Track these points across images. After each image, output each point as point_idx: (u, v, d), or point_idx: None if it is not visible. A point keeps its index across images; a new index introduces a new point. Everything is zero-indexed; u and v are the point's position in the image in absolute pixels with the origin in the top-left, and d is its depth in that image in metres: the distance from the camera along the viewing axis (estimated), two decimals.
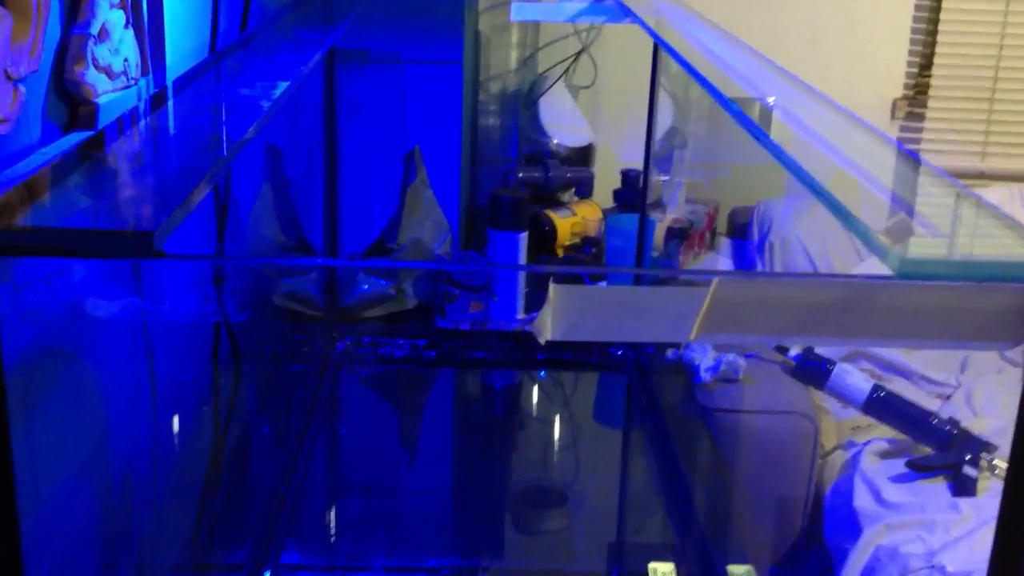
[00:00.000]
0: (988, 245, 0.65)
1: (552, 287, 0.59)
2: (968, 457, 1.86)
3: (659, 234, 2.31)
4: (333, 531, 1.57)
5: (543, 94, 2.51)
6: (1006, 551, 0.67)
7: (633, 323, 0.61)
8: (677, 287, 0.60)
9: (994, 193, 2.56)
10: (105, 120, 1.05)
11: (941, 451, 1.90)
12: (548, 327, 0.59)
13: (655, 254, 2.27)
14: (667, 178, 2.44)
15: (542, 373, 2.01)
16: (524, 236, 1.98)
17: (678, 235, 2.33)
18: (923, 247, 0.63)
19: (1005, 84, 2.69)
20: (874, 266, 0.61)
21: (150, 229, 0.54)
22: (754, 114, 1.05)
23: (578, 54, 2.57)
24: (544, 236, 2.31)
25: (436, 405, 2.04)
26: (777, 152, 0.84)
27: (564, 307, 0.59)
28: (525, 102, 2.53)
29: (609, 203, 2.46)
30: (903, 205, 0.75)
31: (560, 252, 2.34)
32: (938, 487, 1.86)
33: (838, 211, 0.69)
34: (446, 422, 1.98)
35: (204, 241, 1.44)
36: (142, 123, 0.89)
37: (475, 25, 2.38)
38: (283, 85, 0.91)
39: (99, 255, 0.55)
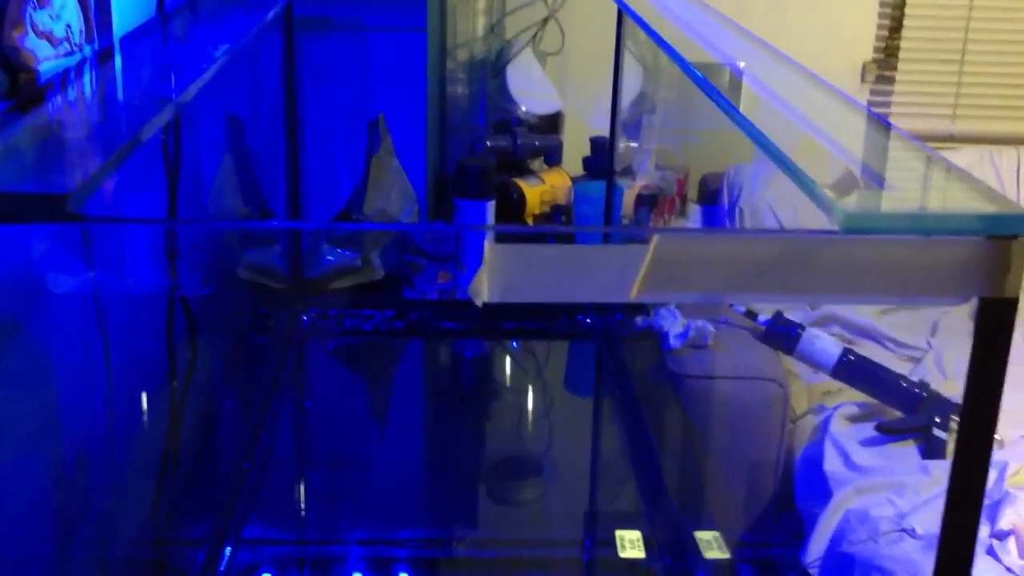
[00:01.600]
0: (936, 199, 0.64)
1: (487, 247, 0.57)
2: (938, 420, 1.85)
3: (629, 201, 2.29)
4: (298, 505, 1.55)
5: (511, 61, 2.48)
6: (958, 506, 0.66)
7: (573, 283, 0.59)
8: (616, 246, 0.58)
9: (964, 155, 2.56)
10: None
11: (911, 414, 1.90)
12: (484, 288, 0.57)
13: (625, 221, 2.25)
14: (636, 145, 2.42)
15: (512, 342, 2.00)
16: (491, 205, 1.96)
17: (648, 202, 2.31)
18: (868, 201, 0.62)
19: (974, 47, 2.68)
20: None
21: (64, 191, 0.52)
22: (723, 80, 1.04)
23: (545, 20, 2.54)
24: (513, 205, 2.29)
25: (404, 376, 2.02)
26: (729, 110, 0.82)
27: (501, 268, 0.57)
28: (493, 69, 2.50)
29: (579, 171, 2.44)
30: (855, 162, 0.73)
31: (530, 220, 2.32)
32: (908, 450, 1.85)
33: (785, 166, 0.67)
34: (415, 393, 1.97)
35: (158, 213, 1.41)
36: (79, 84, 0.87)
37: None
38: (224, 47, 0.89)
39: (11, 220, 0.53)
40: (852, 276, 0.59)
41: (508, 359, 2.04)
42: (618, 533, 1.40)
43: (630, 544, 1.39)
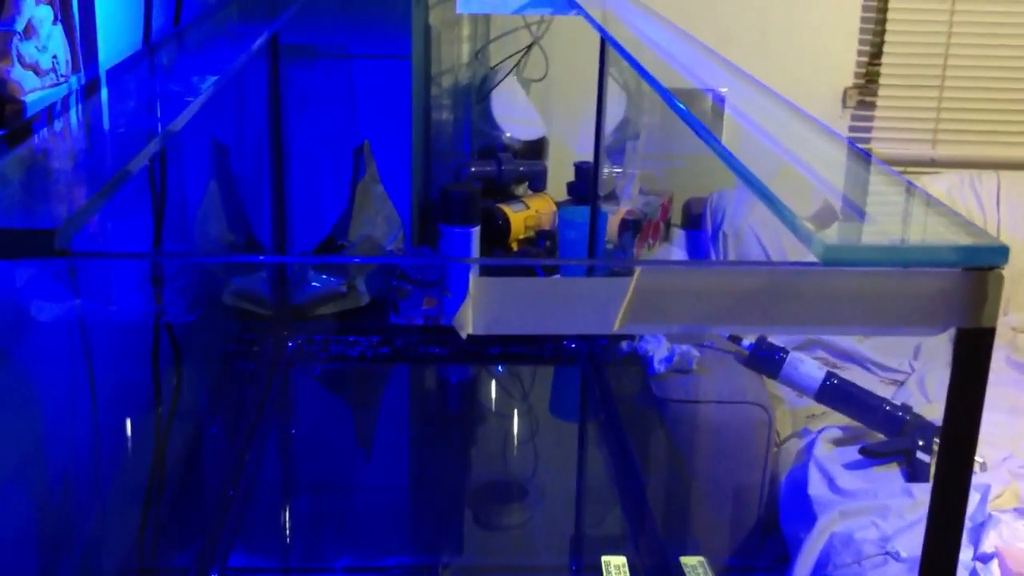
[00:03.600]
0: (915, 231, 0.65)
1: (472, 279, 0.58)
2: (921, 443, 1.87)
3: (613, 226, 2.30)
4: (283, 532, 1.55)
5: (495, 88, 2.50)
6: (939, 528, 0.67)
7: (558, 315, 0.60)
8: (600, 278, 0.59)
9: (944, 180, 2.58)
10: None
11: (894, 437, 1.91)
12: (469, 321, 0.58)
13: (609, 246, 2.26)
14: (620, 170, 2.44)
15: (498, 368, 2.00)
16: (476, 231, 1.97)
17: (632, 227, 2.33)
18: (848, 233, 0.63)
19: (954, 72, 2.71)
20: None
21: (52, 227, 0.53)
22: (705, 106, 1.05)
23: (529, 47, 2.56)
24: (498, 230, 2.30)
25: (390, 402, 2.02)
26: (711, 141, 0.83)
27: (485, 300, 0.58)
28: (477, 96, 2.51)
29: (563, 196, 2.45)
30: (835, 193, 0.74)
31: (514, 246, 2.33)
32: (891, 473, 1.86)
33: (766, 198, 0.68)
34: (401, 418, 1.97)
35: (143, 242, 1.41)
36: (68, 116, 0.87)
37: (425, 19, 2.36)
38: (212, 79, 0.89)
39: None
40: (832, 307, 0.60)
41: (494, 384, 2.04)
42: (604, 558, 1.40)
43: (616, 569, 1.39)
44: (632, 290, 0.58)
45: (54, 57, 1.10)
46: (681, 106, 0.89)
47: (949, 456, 0.66)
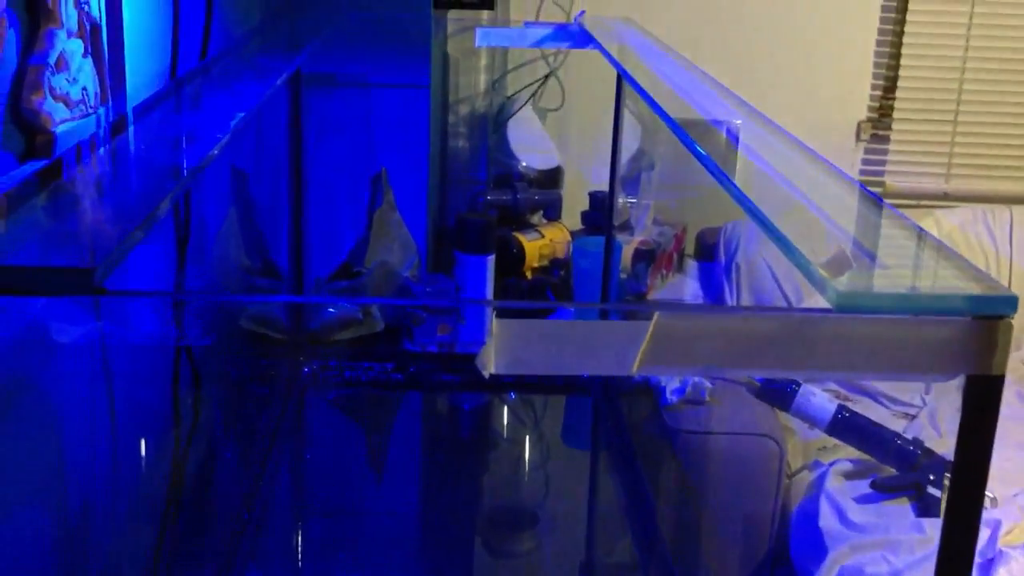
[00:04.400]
0: (926, 278, 0.67)
1: (495, 321, 0.60)
2: (932, 477, 1.87)
3: (627, 256, 2.32)
4: (297, 556, 1.56)
5: (511, 117, 2.52)
6: (949, 565, 0.68)
7: (577, 357, 0.61)
8: (619, 321, 0.61)
9: (958, 214, 2.59)
10: (63, 148, 1.04)
11: (905, 471, 1.91)
12: (491, 361, 0.59)
13: (623, 276, 2.28)
14: (635, 200, 2.46)
15: (510, 395, 2.01)
16: (491, 259, 1.99)
17: (646, 257, 2.34)
18: (861, 281, 0.64)
19: (968, 106, 2.73)
20: None
21: (91, 266, 0.54)
22: (718, 140, 1.07)
23: (546, 77, 2.58)
24: (512, 258, 2.31)
25: (403, 428, 2.03)
26: (729, 186, 0.85)
27: (507, 341, 0.60)
28: (494, 125, 2.54)
29: (577, 225, 2.47)
30: (847, 238, 0.76)
31: (529, 274, 2.35)
32: (902, 508, 1.87)
33: (782, 243, 0.70)
34: (413, 445, 1.98)
35: (165, 266, 1.44)
36: (98, 153, 0.89)
37: (443, 48, 2.39)
38: (238, 115, 0.91)
39: (38, 293, 0.55)
40: (845, 353, 0.62)
41: (506, 412, 2.05)
42: None
43: None
44: (651, 334, 0.59)
45: (84, 89, 1.12)
46: (700, 150, 0.91)
47: (958, 499, 0.67)
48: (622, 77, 1.91)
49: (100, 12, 1.17)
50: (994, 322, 0.60)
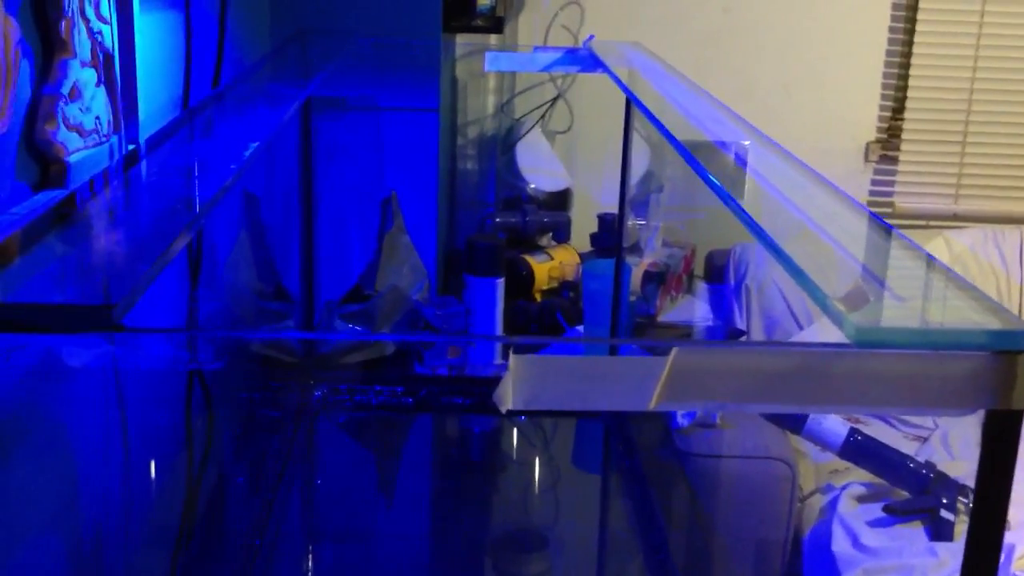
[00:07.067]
0: (944, 312, 0.66)
1: (512, 357, 0.59)
2: (945, 501, 1.86)
3: (636, 278, 2.32)
4: None
5: (520, 139, 2.53)
6: None
7: (594, 392, 0.61)
8: (636, 357, 0.60)
9: (967, 235, 2.59)
10: (76, 177, 1.05)
11: (918, 495, 1.90)
12: (508, 397, 0.59)
13: (632, 298, 2.28)
14: (644, 222, 2.46)
15: (521, 418, 2.01)
16: (501, 282, 1.99)
17: (655, 279, 2.34)
18: (879, 315, 0.64)
19: (977, 127, 2.73)
20: None
21: (110, 303, 0.55)
22: (726, 162, 1.07)
23: (554, 100, 2.59)
24: (522, 280, 2.32)
25: (414, 451, 2.03)
26: (746, 218, 0.85)
27: (524, 377, 0.59)
28: (502, 147, 2.54)
29: (586, 247, 2.47)
30: (863, 270, 0.75)
31: (538, 296, 2.35)
32: (915, 531, 1.86)
33: (799, 276, 0.70)
34: (424, 468, 1.98)
35: (178, 290, 1.44)
36: (112, 186, 0.89)
37: (452, 72, 2.40)
38: (252, 146, 0.92)
39: (57, 331, 0.55)
40: (863, 387, 0.61)
41: (517, 435, 2.05)
42: None
43: None
44: (668, 370, 0.59)
45: (97, 118, 1.13)
46: (712, 179, 0.91)
47: (979, 530, 0.67)
48: (631, 101, 1.91)
49: (113, 41, 1.18)
50: (1013, 356, 0.60)
